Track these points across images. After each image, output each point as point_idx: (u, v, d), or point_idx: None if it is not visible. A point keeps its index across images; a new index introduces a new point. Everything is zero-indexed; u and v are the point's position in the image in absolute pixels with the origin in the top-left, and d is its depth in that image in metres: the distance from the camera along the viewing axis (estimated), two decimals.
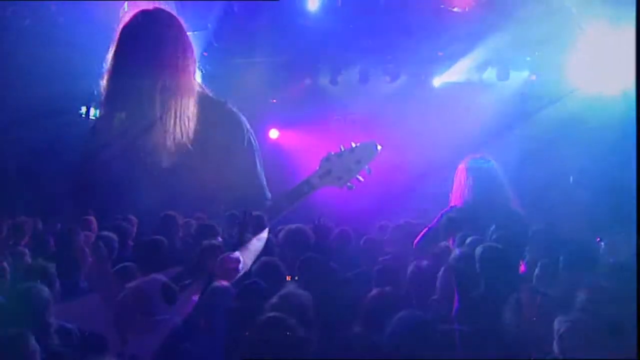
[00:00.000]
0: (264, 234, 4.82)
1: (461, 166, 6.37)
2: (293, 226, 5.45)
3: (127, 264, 4.75)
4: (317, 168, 4.28)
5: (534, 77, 11.15)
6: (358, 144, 4.33)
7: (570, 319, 3.85)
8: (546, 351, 3.96)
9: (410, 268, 4.85)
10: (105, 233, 5.52)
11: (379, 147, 4.24)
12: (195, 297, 4.18)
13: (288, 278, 4.66)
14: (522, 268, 5.21)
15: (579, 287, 4.25)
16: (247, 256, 4.50)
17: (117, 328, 3.95)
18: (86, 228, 5.98)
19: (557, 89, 10.13)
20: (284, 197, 4.80)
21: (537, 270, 4.85)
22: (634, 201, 4.96)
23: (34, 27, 10.00)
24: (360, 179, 4.23)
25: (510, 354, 4.14)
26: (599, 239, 6.11)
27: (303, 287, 4.13)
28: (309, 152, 10.71)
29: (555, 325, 3.97)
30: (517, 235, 5.45)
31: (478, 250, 4.88)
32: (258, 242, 4.72)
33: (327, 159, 4.25)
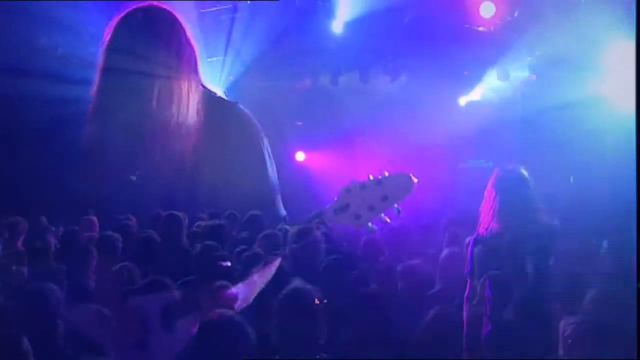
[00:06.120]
0: (272, 267, 3.90)
1: (490, 181, 5.93)
2: None
3: (126, 263, 4.83)
4: (335, 199, 3.30)
5: (533, 77, 11.10)
6: (388, 175, 3.23)
7: (576, 321, 3.82)
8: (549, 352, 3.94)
9: (399, 267, 4.84)
10: (109, 233, 5.59)
11: (415, 181, 3.16)
12: (194, 328, 3.67)
13: (317, 302, 4.45)
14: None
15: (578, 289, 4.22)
16: (248, 290, 3.75)
17: (115, 344, 3.93)
18: (88, 228, 6.14)
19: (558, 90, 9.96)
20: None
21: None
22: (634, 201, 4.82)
23: (67, 57, 10.19)
24: (387, 219, 3.12)
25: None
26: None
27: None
28: (336, 173, 10.82)
29: (561, 327, 3.93)
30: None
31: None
32: (264, 276, 3.81)
33: (348, 189, 3.21)
